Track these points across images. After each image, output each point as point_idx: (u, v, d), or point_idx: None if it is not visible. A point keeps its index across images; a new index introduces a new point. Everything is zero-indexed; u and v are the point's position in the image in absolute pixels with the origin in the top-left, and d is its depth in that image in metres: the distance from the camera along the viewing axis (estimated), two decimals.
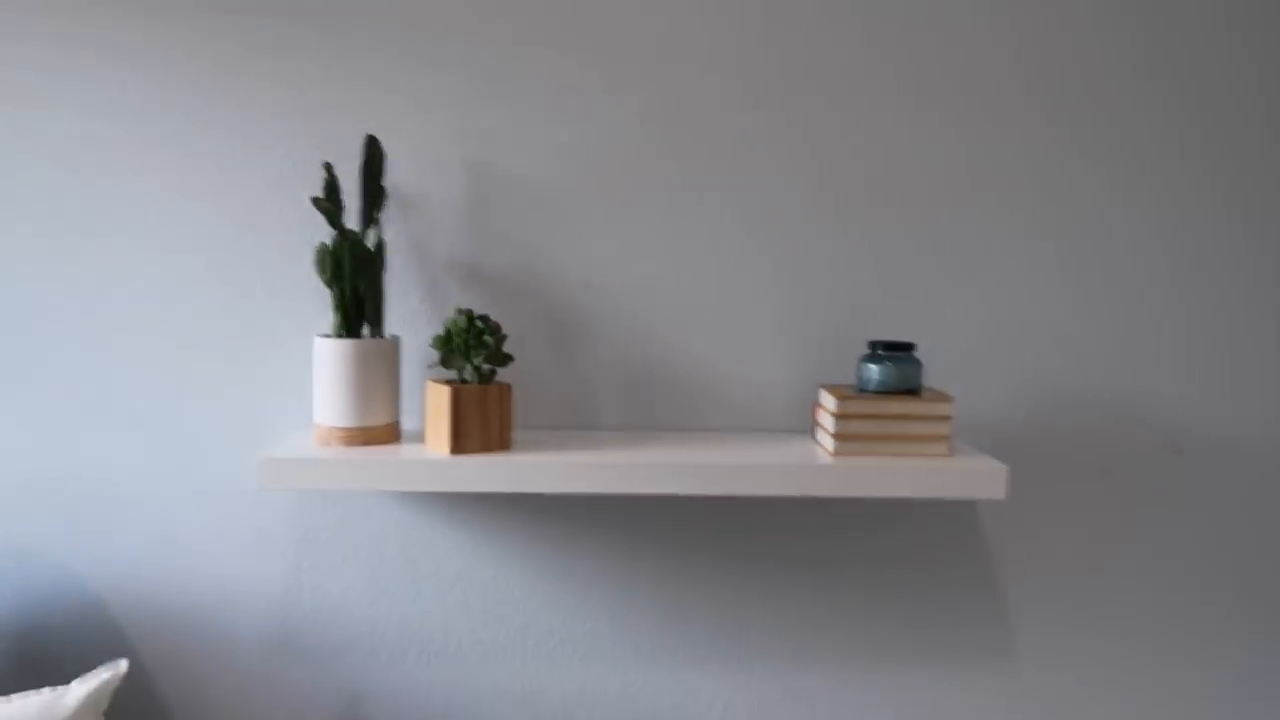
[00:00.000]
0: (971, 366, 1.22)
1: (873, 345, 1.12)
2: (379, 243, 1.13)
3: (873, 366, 1.10)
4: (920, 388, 1.11)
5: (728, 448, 1.11)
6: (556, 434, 1.17)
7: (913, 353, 1.12)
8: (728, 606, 1.25)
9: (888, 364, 1.10)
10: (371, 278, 1.11)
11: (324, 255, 1.09)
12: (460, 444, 1.04)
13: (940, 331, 1.21)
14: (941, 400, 1.08)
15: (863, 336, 1.21)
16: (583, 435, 1.17)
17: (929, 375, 1.22)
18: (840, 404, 1.07)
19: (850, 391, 1.11)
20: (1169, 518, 1.26)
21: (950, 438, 1.09)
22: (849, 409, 1.07)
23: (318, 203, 1.09)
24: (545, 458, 1.03)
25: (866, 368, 1.11)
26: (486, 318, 1.08)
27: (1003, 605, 1.27)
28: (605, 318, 1.20)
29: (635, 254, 1.19)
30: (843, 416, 1.07)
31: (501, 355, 1.08)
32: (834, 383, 1.21)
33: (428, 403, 1.07)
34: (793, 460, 1.05)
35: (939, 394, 1.10)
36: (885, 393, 1.09)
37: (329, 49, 1.16)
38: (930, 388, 1.18)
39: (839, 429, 1.07)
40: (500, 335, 1.08)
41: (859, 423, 1.07)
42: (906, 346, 1.11)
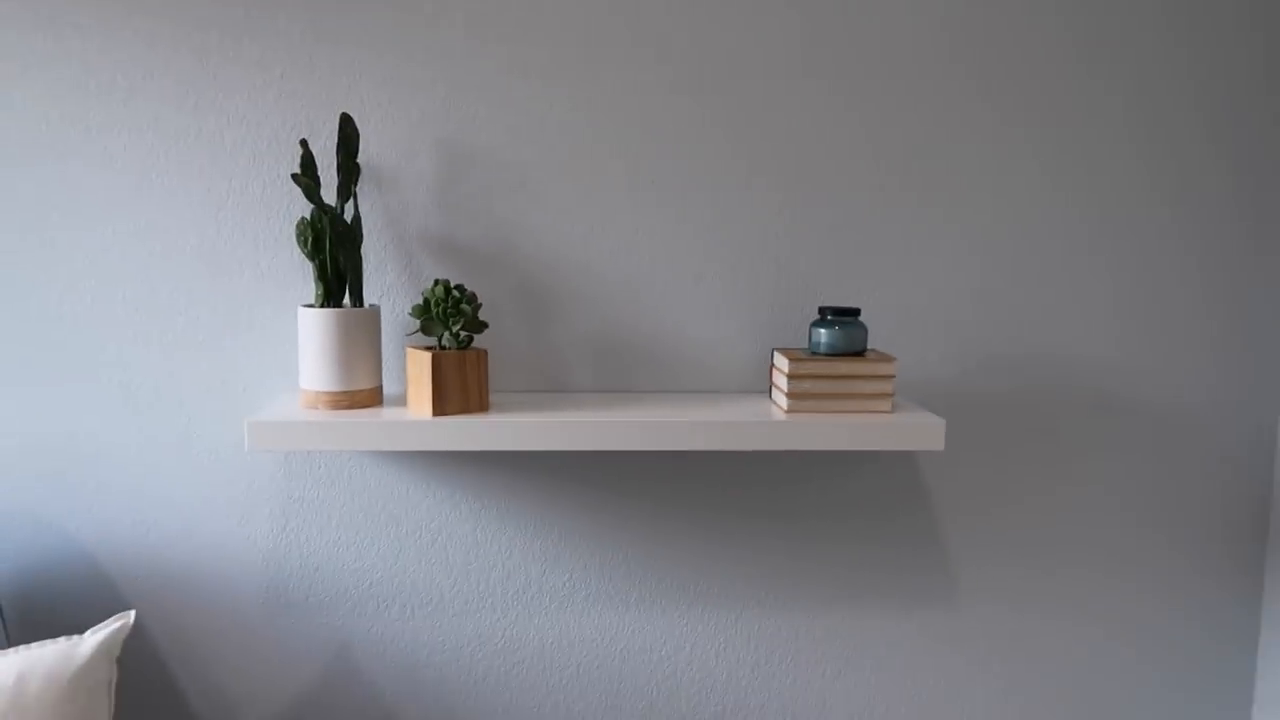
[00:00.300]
0: (913, 330, 1.32)
1: (822, 311, 1.20)
2: (355, 217, 1.18)
3: (822, 330, 1.19)
4: (866, 350, 1.20)
5: (691, 407, 1.19)
6: (531, 396, 1.25)
7: (858, 318, 1.21)
8: (693, 555, 1.34)
9: (836, 328, 1.18)
10: (350, 250, 1.17)
11: (305, 228, 1.14)
12: (442, 406, 1.11)
13: (883, 298, 1.31)
14: (885, 361, 1.17)
15: (813, 303, 1.30)
16: (555, 397, 1.24)
17: (873, 338, 1.31)
18: (793, 365, 1.16)
19: (802, 354, 1.20)
20: (1096, 468, 1.37)
21: (893, 395, 1.18)
22: (801, 370, 1.16)
23: (297, 178, 1.13)
24: (522, 418, 1.11)
25: (816, 331, 1.19)
26: (462, 287, 1.14)
27: (944, 549, 1.38)
28: (573, 287, 1.27)
29: (600, 228, 1.26)
30: (795, 377, 1.16)
31: (477, 322, 1.15)
32: (788, 346, 1.30)
33: (409, 368, 1.13)
34: (750, 417, 1.13)
35: (883, 355, 1.19)
36: (834, 355, 1.18)
37: (305, 33, 1.19)
38: (875, 350, 1.27)
39: (792, 388, 1.16)
40: (476, 304, 1.15)
41: (810, 382, 1.16)
42: (853, 312, 1.19)
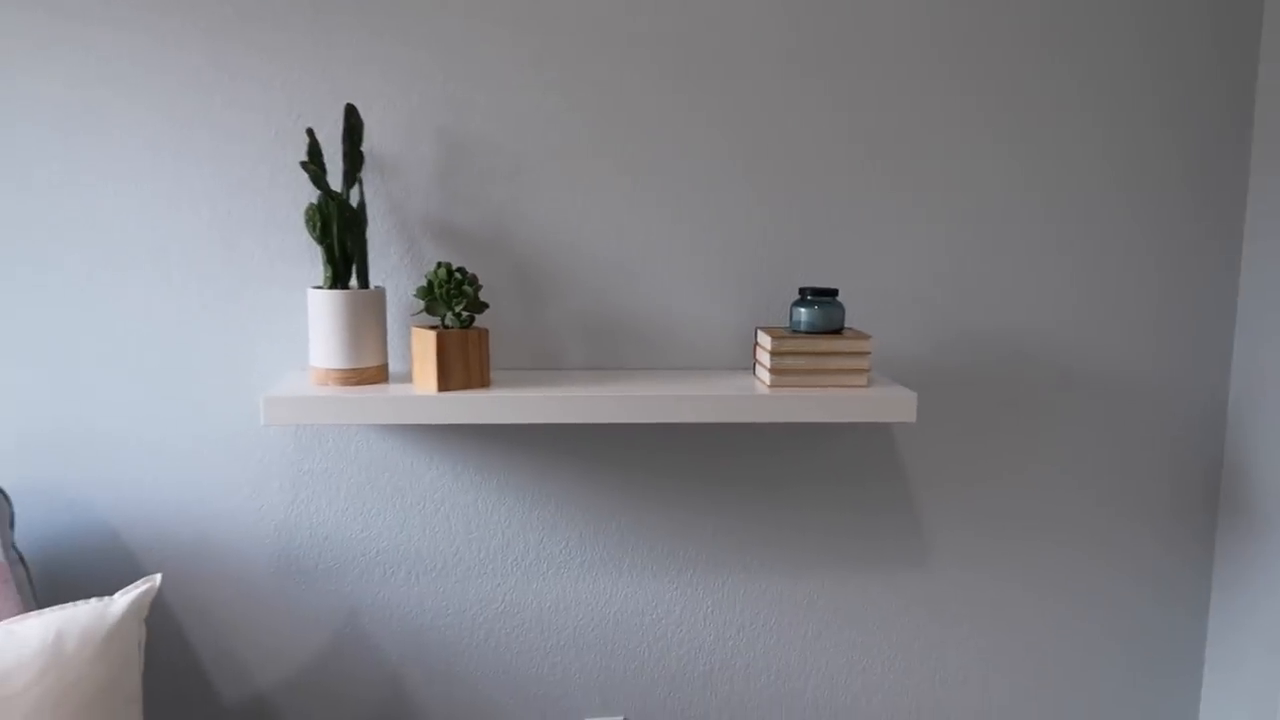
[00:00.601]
0: (888, 310, 1.40)
1: (802, 291, 1.27)
2: (361, 202, 1.24)
3: (802, 310, 1.26)
4: (843, 328, 1.28)
5: (679, 382, 1.26)
6: (529, 373, 1.32)
7: (836, 298, 1.28)
8: (682, 523, 1.42)
9: (815, 307, 1.26)
10: (356, 234, 1.23)
11: (313, 214, 1.20)
12: (446, 382, 1.17)
13: (860, 279, 1.38)
14: (861, 339, 1.25)
15: (794, 284, 1.38)
16: (552, 374, 1.31)
17: (850, 317, 1.39)
18: (775, 342, 1.23)
19: (784, 332, 1.27)
20: (1057, 440, 1.45)
21: (869, 371, 1.26)
22: (783, 347, 1.23)
23: (305, 166, 1.19)
24: (521, 393, 1.18)
25: (797, 311, 1.27)
26: (464, 270, 1.20)
27: (918, 516, 1.46)
28: (568, 270, 1.34)
29: (592, 213, 1.32)
30: (777, 353, 1.23)
31: (478, 303, 1.22)
32: (770, 324, 1.37)
33: (414, 346, 1.20)
34: (736, 392, 1.21)
35: (859, 333, 1.27)
36: (813, 332, 1.25)
37: (311, 25, 1.25)
38: (852, 328, 1.35)
39: (774, 364, 1.24)
40: (477, 285, 1.21)
41: (791, 358, 1.24)
42: (831, 292, 1.26)
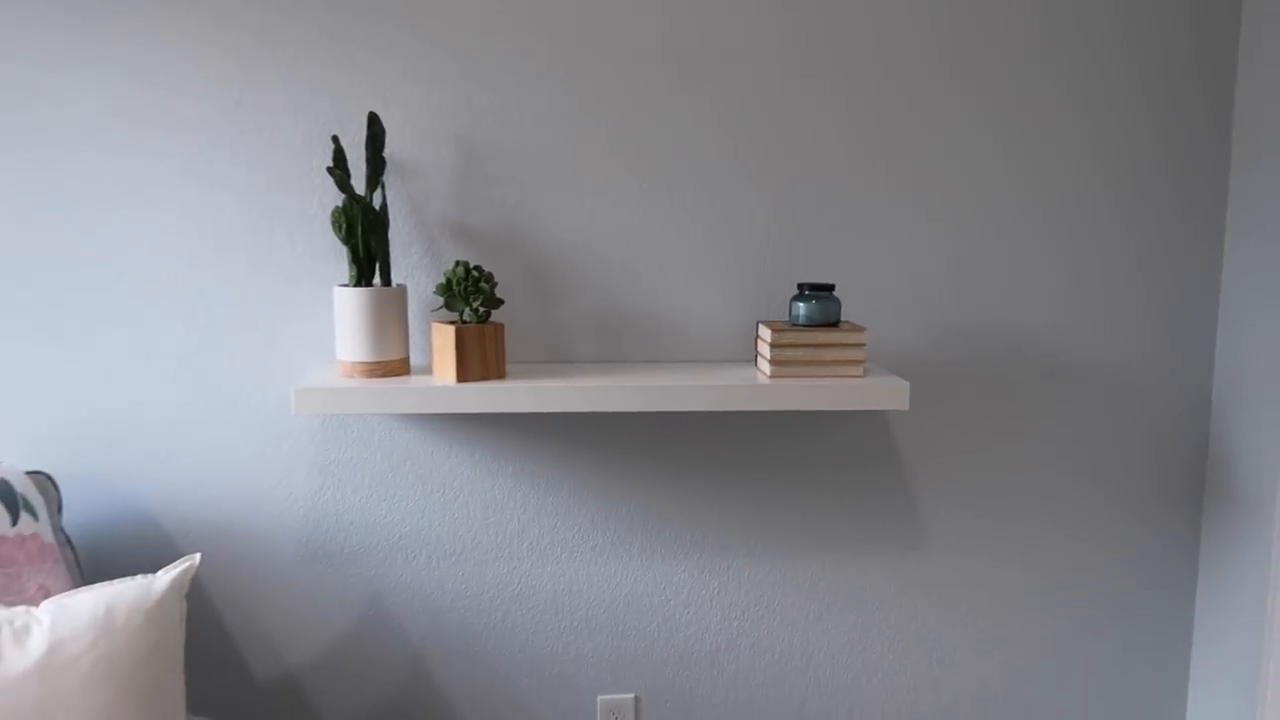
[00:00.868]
0: (884, 304, 1.46)
1: (800, 287, 1.34)
2: (383, 205, 1.32)
3: (801, 304, 1.33)
4: (840, 321, 1.34)
5: (685, 373, 1.33)
6: (542, 366, 1.39)
7: (833, 292, 1.35)
8: (689, 509, 1.48)
9: (813, 302, 1.32)
10: (379, 235, 1.30)
11: (339, 216, 1.27)
12: (464, 373, 1.25)
13: (857, 275, 1.45)
14: (856, 331, 1.31)
15: (793, 280, 1.44)
16: (564, 367, 1.38)
17: (847, 311, 1.46)
18: (775, 335, 1.30)
19: (783, 325, 1.34)
20: (1048, 428, 1.51)
21: (864, 362, 1.32)
22: (782, 339, 1.30)
23: (331, 171, 1.27)
24: (535, 384, 1.25)
25: (796, 305, 1.34)
26: (480, 268, 1.27)
27: (913, 501, 1.53)
28: (578, 268, 1.41)
29: (602, 214, 1.39)
30: (777, 345, 1.30)
31: (494, 299, 1.29)
32: (770, 318, 1.44)
33: (434, 340, 1.27)
34: (738, 382, 1.28)
35: (855, 326, 1.33)
36: (811, 325, 1.32)
37: (334, 38, 1.32)
38: (848, 321, 1.41)
39: (774, 355, 1.30)
40: (493, 283, 1.28)
41: (791, 350, 1.30)
42: (828, 287, 1.33)
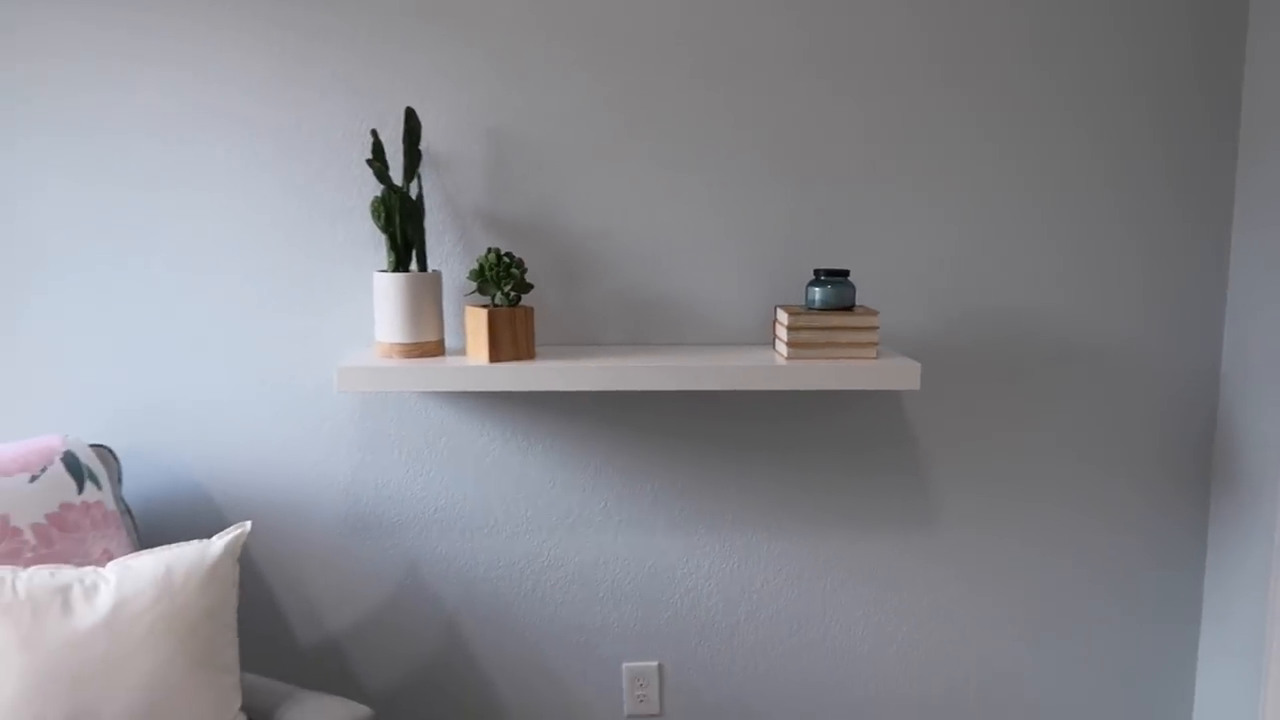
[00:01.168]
0: (896, 289, 1.51)
1: (816, 272, 1.39)
2: (419, 195, 1.39)
3: (817, 289, 1.38)
4: (854, 305, 1.40)
5: (706, 355, 1.39)
6: (569, 348, 1.46)
7: (848, 278, 1.40)
8: (710, 486, 1.54)
9: (828, 287, 1.38)
10: (416, 224, 1.37)
11: (378, 206, 1.35)
12: (497, 354, 1.32)
13: (871, 261, 1.50)
14: (870, 315, 1.36)
15: (808, 266, 1.50)
16: (590, 349, 1.45)
17: (864, 298, 1.51)
18: (792, 319, 1.35)
19: (800, 309, 1.39)
20: (1056, 409, 1.55)
21: (878, 344, 1.37)
22: (799, 323, 1.35)
23: (370, 163, 1.34)
24: (563, 364, 1.31)
25: (812, 290, 1.39)
26: (511, 254, 1.34)
27: (925, 481, 1.58)
28: (604, 255, 1.47)
29: (626, 203, 1.45)
30: (794, 329, 1.35)
31: (524, 284, 1.35)
32: (787, 303, 1.50)
33: (468, 322, 1.34)
34: (757, 363, 1.33)
35: (869, 310, 1.38)
36: (827, 309, 1.37)
37: (372, 38, 1.39)
38: (862, 305, 1.47)
39: (791, 338, 1.35)
40: (523, 268, 1.35)
41: (807, 333, 1.35)
42: (843, 273, 1.38)
